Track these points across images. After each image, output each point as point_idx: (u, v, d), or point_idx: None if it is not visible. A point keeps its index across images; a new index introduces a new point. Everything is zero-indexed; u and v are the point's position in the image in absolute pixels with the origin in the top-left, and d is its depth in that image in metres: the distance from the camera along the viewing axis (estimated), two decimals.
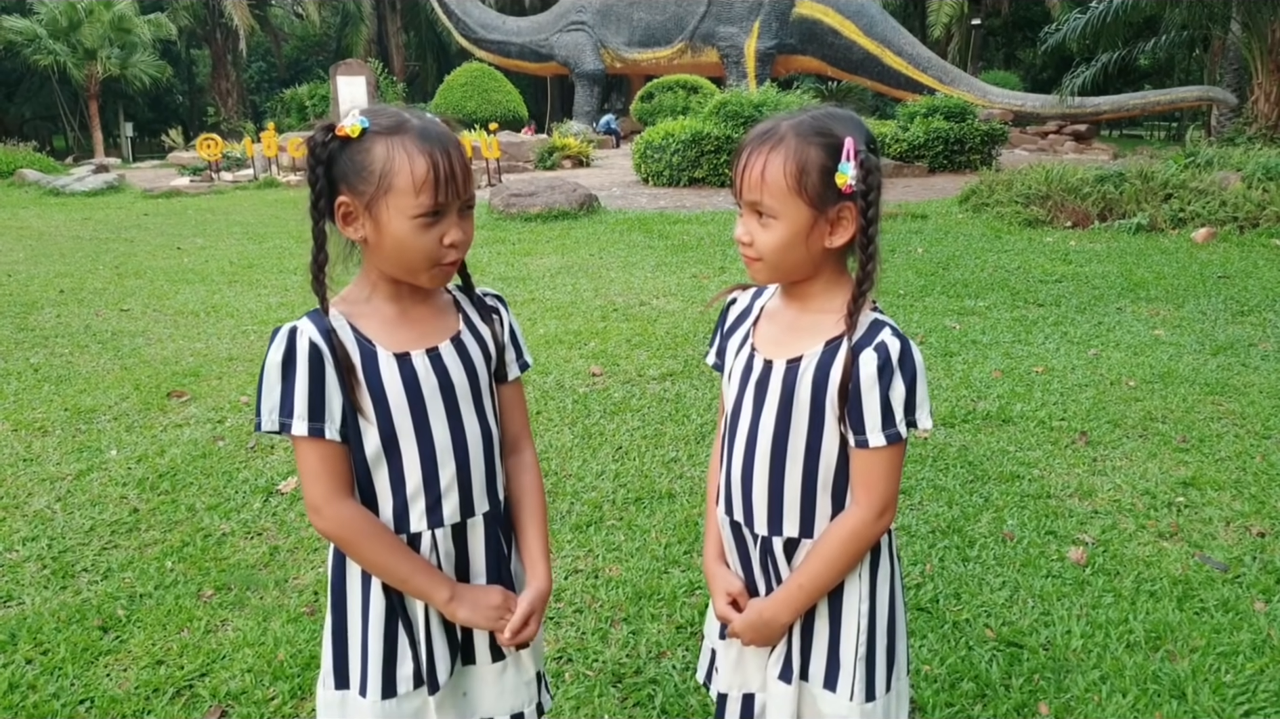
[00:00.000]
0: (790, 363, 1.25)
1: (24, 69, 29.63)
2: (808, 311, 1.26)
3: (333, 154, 1.16)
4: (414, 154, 1.14)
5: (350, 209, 1.18)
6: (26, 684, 2.16)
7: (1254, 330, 5.21)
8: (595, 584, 2.60)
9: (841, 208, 1.18)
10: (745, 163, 1.20)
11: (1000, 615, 2.41)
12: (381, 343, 1.22)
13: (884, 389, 1.17)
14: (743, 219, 1.24)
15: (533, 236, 9.07)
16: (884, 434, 1.18)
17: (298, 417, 1.17)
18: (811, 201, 1.17)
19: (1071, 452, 3.51)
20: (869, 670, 1.29)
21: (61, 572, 2.69)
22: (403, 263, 1.19)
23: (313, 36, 39.15)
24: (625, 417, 3.93)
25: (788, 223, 1.19)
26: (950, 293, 6.22)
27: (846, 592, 1.28)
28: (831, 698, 1.30)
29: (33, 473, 3.42)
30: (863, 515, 1.22)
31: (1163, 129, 33.64)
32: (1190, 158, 10.15)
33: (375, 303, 1.25)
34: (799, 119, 1.20)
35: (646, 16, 24.44)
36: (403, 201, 1.15)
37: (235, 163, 17.00)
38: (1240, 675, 2.14)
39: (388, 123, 1.16)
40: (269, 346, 1.19)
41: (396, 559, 1.23)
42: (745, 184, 1.20)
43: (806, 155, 1.16)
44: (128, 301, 6.40)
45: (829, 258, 1.23)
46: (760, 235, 1.21)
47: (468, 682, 1.34)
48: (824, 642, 1.30)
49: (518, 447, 1.39)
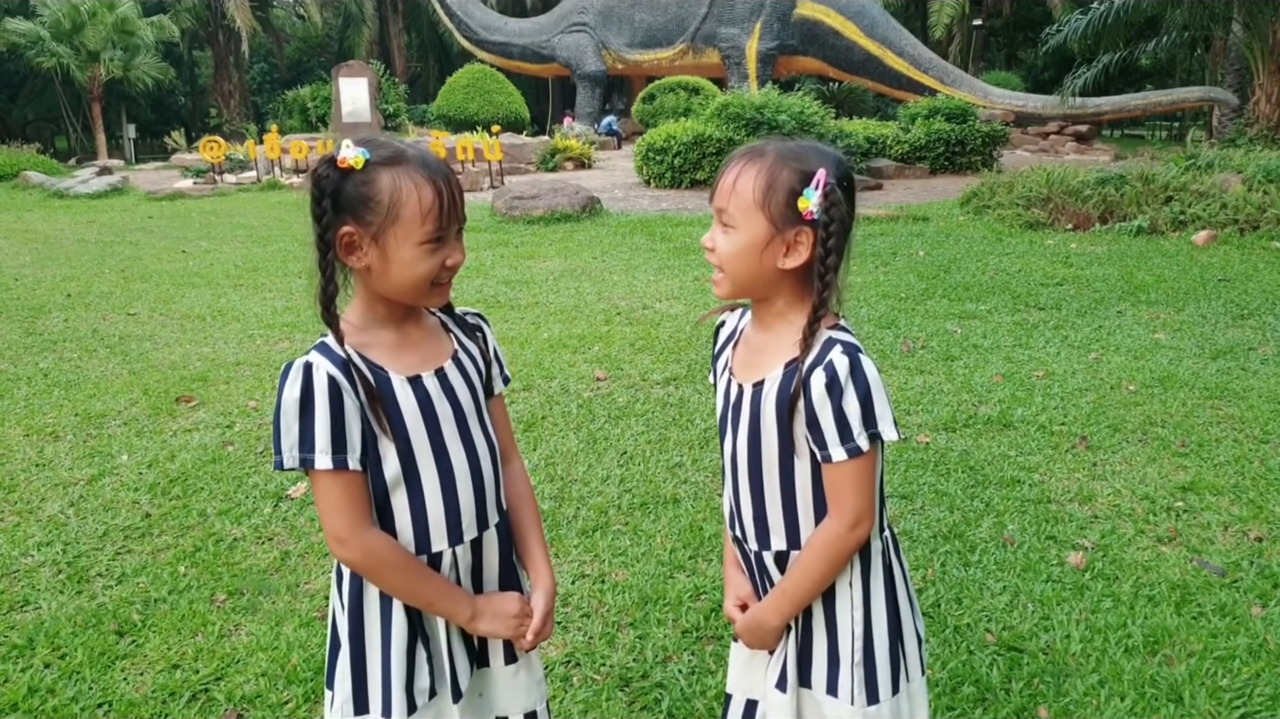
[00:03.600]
0: (755, 385, 1.30)
1: (27, 71, 29.71)
2: (771, 334, 1.32)
3: (336, 186, 1.19)
4: (420, 183, 1.18)
5: (354, 239, 1.20)
6: (45, 688, 2.20)
7: (1254, 334, 5.24)
8: (602, 589, 2.64)
9: (799, 231, 1.23)
10: (724, 172, 1.28)
11: (1001, 620, 2.45)
12: (392, 368, 1.25)
13: (835, 404, 1.21)
14: (713, 226, 1.32)
15: (535, 239, 9.11)
16: (844, 448, 1.22)
17: (320, 451, 1.18)
18: (772, 218, 1.23)
19: (1072, 456, 3.55)
20: (869, 672, 1.32)
21: (76, 576, 2.73)
22: (407, 287, 1.23)
23: (315, 38, 39.22)
24: (630, 421, 3.97)
25: (745, 234, 1.25)
26: (951, 296, 6.26)
27: (839, 599, 1.33)
28: (834, 703, 1.33)
29: (45, 478, 3.46)
30: (835, 528, 1.27)
31: (1164, 129, 33.63)
32: (1191, 160, 10.17)
33: (375, 330, 1.27)
34: (785, 144, 1.27)
35: (648, 18, 24.48)
36: (410, 230, 1.19)
37: (238, 165, 17.03)
38: (1236, 679, 2.18)
39: (388, 153, 1.20)
40: (282, 383, 1.20)
41: (420, 584, 1.26)
42: (718, 191, 1.28)
43: (778, 175, 1.23)
44: (134, 305, 6.45)
45: (788, 280, 1.28)
46: (720, 241, 1.28)
47: (483, 684, 1.39)
48: (823, 648, 1.34)
49: (508, 457, 1.45)
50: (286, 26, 40.35)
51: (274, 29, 38.07)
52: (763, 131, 12.89)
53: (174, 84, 35.79)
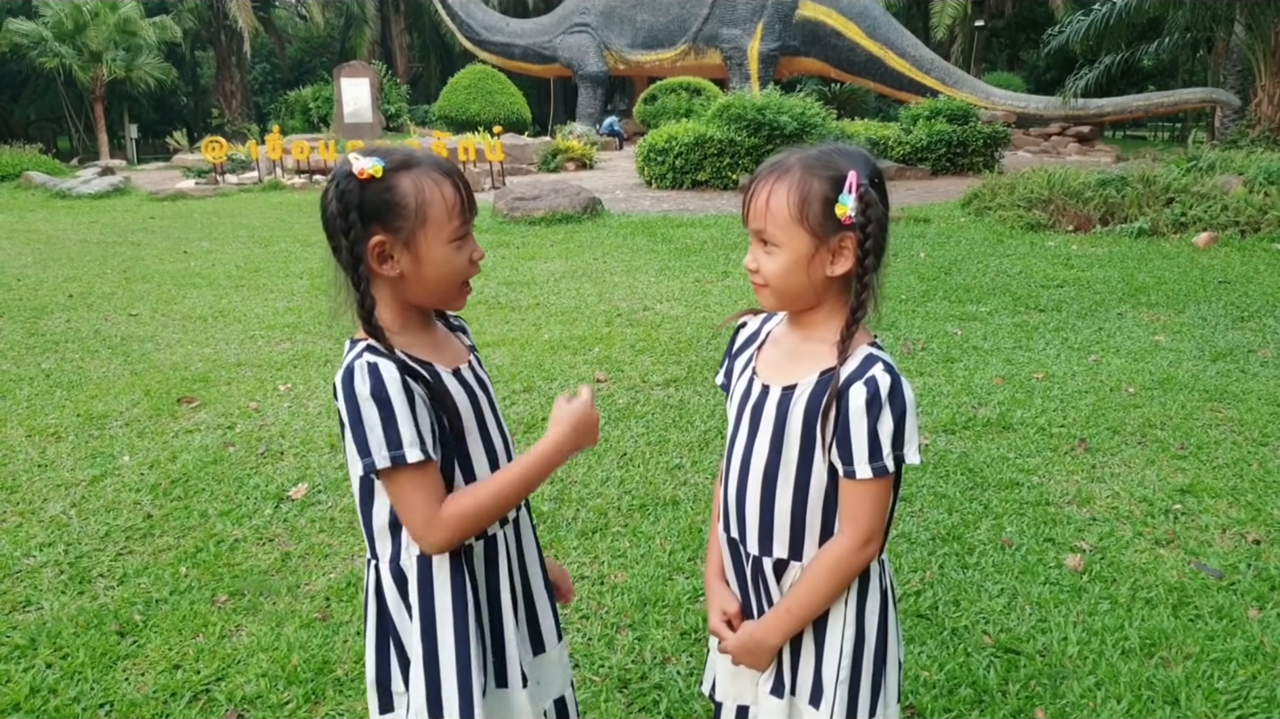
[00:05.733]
0: (785, 389, 1.29)
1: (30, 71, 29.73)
2: (809, 340, 1.30)
3: (359, 198, 1.21)
4: (440, 181, 1.22)
5: (385, 248, 1.22)
6: (48, 688, 2.21)
7: (1254, 336, 5.24)
8: (601, 590, 2.65)
9: (843, 238, 1.23)
10: (753, 193, 1.26)
11: (998, 622, 2.46)
12: (437, 363, 1.30)
13: (872, 422, 1.20)
14: (751, 247, 1.29)
15: (536, 240, 9.12)
16: (871, 467, 1.21)
17: (409, 445, 1.18)
18: (813, 230, 1.22)
19: (1070, 459, 3.56)
20: (851, 695, 1.31)
21: (78, 577, 2.74)
22: (442, 286, 1.27)
23: (316, 38, 39.24)
24: (630, 423, 3.98)
25: (790, 251, 1.23)
26: (952, 298, 6.26)
27: (832, 616, 1.31)
28: (815, 714, 1.33)
29: (47, 478, 3.48)
30: (847, 544, 1.26)
31: (1166, 130, 33.59)
32: (1192, 162, 10.17)
33: (412, 334, 1.31)
34: (808, 153, 1.25)
35: (650, 18, 24.49)
36: (440, 229, 1.22)
37: (240, 165, 17.04)
38: (1233, 682, 2.19)
39: (400, 158, 1.22)
40: (349, 386, 1.19)
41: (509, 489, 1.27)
42: (751, 213, 1.26)
43: (810, 186, 1.22)
44: (136, 306, 6.47)
45: (833, 287, 1.27)
46: (765, 262, 1.26)
47: (540, 671, 1.43)
48: (810, 660, 1.33)
49: None
50: (288, 27, 40.38)
51: (276, 29, 38.12)
52: (764, 132, 12.90)
53: (176, 84, 35.81)
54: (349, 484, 3.37)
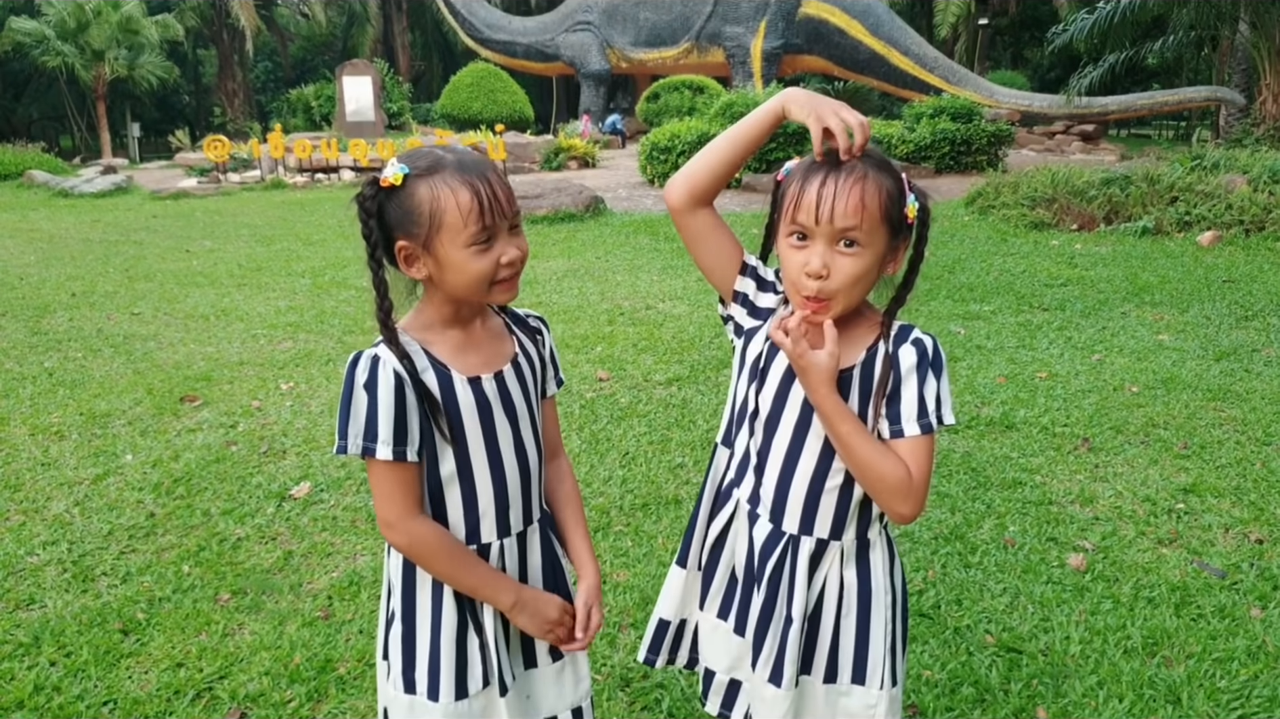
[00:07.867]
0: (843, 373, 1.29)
1: (32, 70, 29.81)
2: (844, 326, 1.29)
3: (381, 205, 1.24)
4: (456, 187, 1.21)
5: (410, 251, 1.25)
6: (51, 686, 2.22)
7: (1258, 336, 5.23)
8: (603, 589, 2.64)
9: (904, 238, 1.27)
10: (834, 192, 1.19)
11: (1000, 621, 2.46)
12: (454, 366, 1.30)
13: (920, 381, 1.26)
14: (817, 252, 1.21)
15: (539, 239, 9.12)
16: (918, 423, 1.25)
17: (382, 442, 1.22)
18: (892, 229, 1.24)
19: (1074, 458, 3.55)
20: (893, 658, 1.38)
21: (82, 575, 2.75)
22: (467, 288, 1.27)
23: (319, 36, 39.28)
24: (632, 422, 3.98)
25: (872, 251, 1.23)
26: (956, 297, 6.26)
27: (875, 591, 1.37)
28: (861, 691, 1.37)
29: (50, 477, 3.48)
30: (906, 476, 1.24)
31: (1171, 129, 33.52)
32: (1196, 160, 10.14)
33: (442, 329, 1.32)
34: (865, 158, 1.23)
35: (653, 16, 24.49)
36: (455, 234, 1.22)
37: (242, 164, 17.06)
38: (1235, 681, 2.19)
39: (425, 164, 1.23)
40: (350, 372, 1.24)
41: (465, 570, 1.31)
42: (837, 212, 1.19)
43: (885, 186, 1.22)
44: (138, 305, 6.48)
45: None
46: (843, 264, 1.21)
47: (530, 685, 1.43)
48: (850, 639, 1.37)
49: (555, 454, 1.51)
50: (291, 25, 40.41)
51: (278, 28, 38.17)
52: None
53: (178, 83, 35.86)
54: (351, 483, 3.38)
